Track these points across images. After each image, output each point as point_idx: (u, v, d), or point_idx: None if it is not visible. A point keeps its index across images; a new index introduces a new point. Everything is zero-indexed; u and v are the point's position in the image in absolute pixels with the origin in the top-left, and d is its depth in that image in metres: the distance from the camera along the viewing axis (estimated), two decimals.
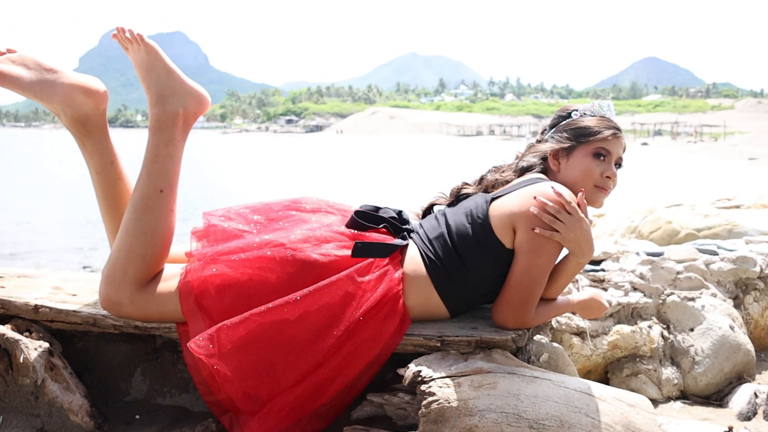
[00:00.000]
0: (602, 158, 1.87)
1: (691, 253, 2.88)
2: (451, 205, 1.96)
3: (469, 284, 1.80)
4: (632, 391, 2.28)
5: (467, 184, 2.00)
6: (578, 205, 1.75)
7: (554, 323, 2.41)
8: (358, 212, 1.90)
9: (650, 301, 2.66)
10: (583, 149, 1.88)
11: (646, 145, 55.55)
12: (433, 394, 1.57)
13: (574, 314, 2.48)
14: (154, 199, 1.78)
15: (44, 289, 1.94)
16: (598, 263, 2.83)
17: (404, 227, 1.89)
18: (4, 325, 1.81)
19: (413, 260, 1.80)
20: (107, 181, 1.95)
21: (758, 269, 2.93)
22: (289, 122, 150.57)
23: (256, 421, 1.67)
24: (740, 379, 2.61)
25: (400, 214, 1.94)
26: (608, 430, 1.59)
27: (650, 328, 2.61)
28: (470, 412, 1.55)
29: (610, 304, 2.55)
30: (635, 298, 2.64)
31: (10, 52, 1.84)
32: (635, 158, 30.53)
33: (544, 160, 1.94)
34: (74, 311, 1.82)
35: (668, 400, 2.55)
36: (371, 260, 1.76)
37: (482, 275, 1.79)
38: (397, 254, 1.80)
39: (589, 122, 1.90)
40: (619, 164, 1.92)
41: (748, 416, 2.36)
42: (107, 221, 1.98)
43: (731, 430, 2.10)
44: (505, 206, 1.78)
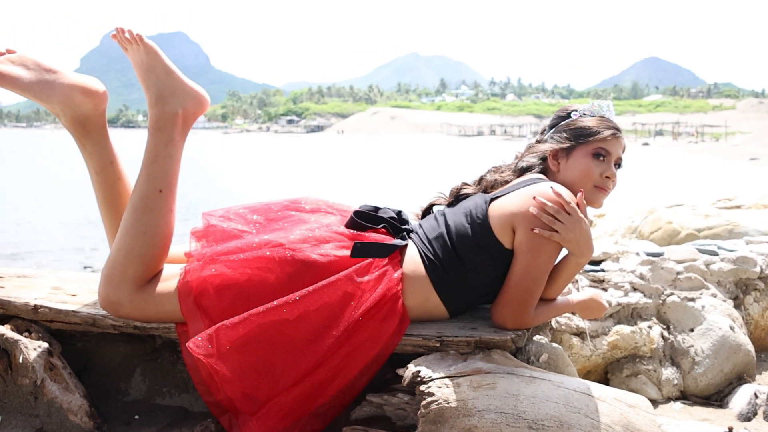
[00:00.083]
0: (602, 158, 1.87)
1: (691, 253, 2.87)
2: (450, 205, 1.96)
3: (468, 284, 1.80)
4: (632, 391, 2.28)
5: (467, 184, 2.00)
6: (577, 205, 1.75)
7: (554, 323, 2.41)
8: (357, 212, 1.90)
9: (650, 301, 2.66)
10: (582, 149, 1.87)
11: (647, 145, 55.51)
12: (432, 394, 1.57)
13: (573, 314, 2.47)
14: (153, 199, 1.78)
15: (44, 289, 1.94)
16: (597, 263, 2.82)
17: (403, 227, 1.89)
18: (3, 325, 1.81)
19: (412, 260, 1.80)
20: (107, 181, 1.95)
21: (758, 269, 2.92)
22: (290, 122, 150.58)
23: (255, 421, 1.66)
24: (740, 379, 2.61)
25: (399, 214, 1.94)
26: (608, 430, 1.59)
27: (650, 328, 2.60)
28: (469, 412, 1.55)
29: (609, 304, 2.55)
30: (635, 298, 2.64)
31: (9, 52, 1.84)
32: (636, 158, 30.50)
33: (543, 160, 1.93)
34: (74, 311, 1.82)
35: (668, 400, 2.54)
36: (370, 260, 1.76)
37: (481, 275, 1.79)
38: (396, 254, 1.80)
39: (588, 122, 1.90)
40: (618, 164, 1.92)
41: (748, 417, 2.36)
42: (107, 221, 1.98)
43: (731, 430, 2.10)
44: (504, 206, 1.77)
